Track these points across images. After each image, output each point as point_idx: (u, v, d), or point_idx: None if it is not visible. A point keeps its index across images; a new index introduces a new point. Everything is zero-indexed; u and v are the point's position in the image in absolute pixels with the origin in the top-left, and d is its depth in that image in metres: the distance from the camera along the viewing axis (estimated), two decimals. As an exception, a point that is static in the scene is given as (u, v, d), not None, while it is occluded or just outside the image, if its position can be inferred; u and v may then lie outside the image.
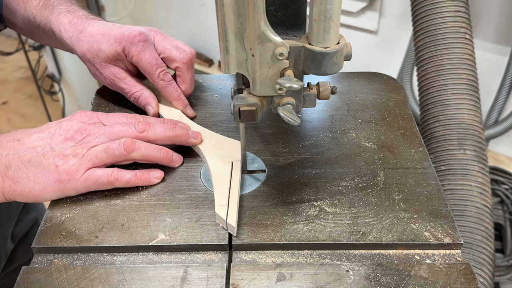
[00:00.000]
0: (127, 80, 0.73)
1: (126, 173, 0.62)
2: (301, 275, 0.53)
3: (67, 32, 0.74)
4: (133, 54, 0.70)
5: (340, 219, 0.58)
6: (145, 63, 0.70)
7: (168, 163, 0.65)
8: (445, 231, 0.57)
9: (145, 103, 0.74)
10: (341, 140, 0.70)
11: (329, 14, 0.47)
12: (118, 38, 0.70)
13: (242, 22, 0.49)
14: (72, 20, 0.74)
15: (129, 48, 0.70)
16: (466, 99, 1.04)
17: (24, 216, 0.98)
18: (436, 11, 1.09)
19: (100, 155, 0.60)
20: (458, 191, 0.98)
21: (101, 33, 0.71)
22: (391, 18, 2.05)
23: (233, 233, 0.56)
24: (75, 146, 0.60)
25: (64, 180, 0.59)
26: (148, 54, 0.70)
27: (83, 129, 0.62)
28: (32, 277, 0.53)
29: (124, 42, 0.70)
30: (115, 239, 0.56)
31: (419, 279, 0.52)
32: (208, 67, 2.68)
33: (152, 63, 0.71)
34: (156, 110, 0.73)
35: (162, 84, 0.72)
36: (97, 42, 0.71)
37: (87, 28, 0.73)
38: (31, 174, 0.58)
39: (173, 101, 0.74)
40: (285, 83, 0.50)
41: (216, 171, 0.63)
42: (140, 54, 0.70)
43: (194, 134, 0.67)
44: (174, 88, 0.73)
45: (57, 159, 0.59)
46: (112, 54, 0.71)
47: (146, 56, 0.70)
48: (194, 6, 2.52)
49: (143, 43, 0.70)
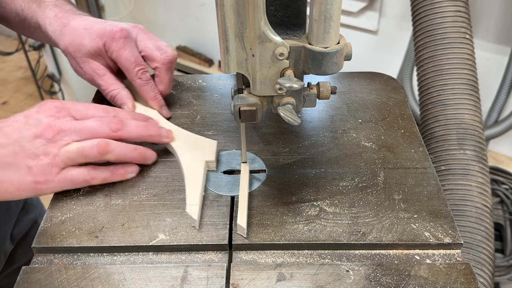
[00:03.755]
0: (105, 77, 0.72)
1: (102, 171, 0.62)
2: (301, 275, 0.53)
3: (52, 25, 0.73)
4: (113, 50, 0.70)
5: (340, 219, 0.58)
6: (124, 59, 0.70)
7: (142, 161, 0.65)
8: (445, 231, 0.57)
9: (121, 103, 0.73)
10: (341, 140, 0.70)
11: (329, 14, 0.47)
12: (100, 33, 0.70)
13: (242, 22, 0.48)
14: (57, 14, 0.74)
15: (109, 44, 0.70)
16: (466, 99, 1.04)
17: (23, 216, 0.98)
18: (436, 11, 1.09)
19: (73, 156, 0.59)
20: (458, 191, 0.98)
21: (83, 28, 0.71)
22: (391, 18, 2.05)
23: (243, 234, 0.56)
24: (46, 145, 0.58)
25: (40, 181, 0.58)
26: (128, 51, 0.70)
27: (53, 125, 0.59)
28: (32, 277, 0.53)
29: (106, 37, 0.69)
30: (115, 239, 0.56)
31: (419, 279, 0.52)
32: (208, 67, 2.68)
33: (131, 61, 0.70)
34: (132, 110, 0.72)
35: (139, 83, 0.72)
36: (80, 37, 0.70)
37: (71, 22, 0.72)
38: (4, 175, 0.57)
39: (149, 100, 0.73)
40: (285, 83, 0.50)
41: (188, 170, 0.63)
42: (120, 51, 0.70)
43: (166, 132, 0.67)
44: (151, 88, 0.73)
45: (29, 159, 0.58)
46: (94, 49, 0.70)
47: (126, 53, 0.70)
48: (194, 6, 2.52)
49: (124, 40, 0.70)
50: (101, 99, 0.79)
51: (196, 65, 2.69)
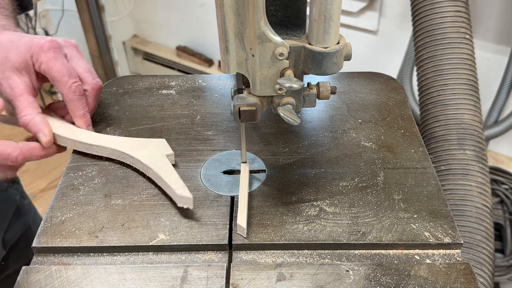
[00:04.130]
0: (21, 98, 0.66)
1: None
2: (301, 275, 0.53)
3: None
4: (42, 61, 0.65)
5: (340, 219, 0.58)
6: (55, 71, 0.65)
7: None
8: (445, 231, 0.57)
9: (36, 130, 0.66)
10: (341, 140, 0.70)
11: (329, 14, 0.47)
12: (27, 45, 0.65)
13: (242, 22, 0.49)
14: None
15: (37, 55, 0.65)
16: (466, 99, 1.04)
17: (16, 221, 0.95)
18: (436, 11, 1.09)
19: None
20: (458, 191, 0.98)
21: (10, 40, 0.66)
22: (391, 18, 2.05)
23: (243, 234, 0.56)
24: None
25: None
26: (59, 62, 0.65)
27: None
28: (32, 277, 0.53)
29: (34, 48, 0.65)
30: (115, 239, 0.56)
31: (419, 279, 0.52)
32: (208, 67, 2.68)
33: (64, 72, 0.65)
34: (50, 138, 0.66)
35: (71, 97, 0.66)
36: (6, 49, 0.65)
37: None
38: None
39: (77, 118, 0.68)
40: (285, 83, 0.50)
41: (155, 165, 0.63)
42: (50, 62, 0.65)
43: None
44: (82, 104, 0.68)
45: None
46: (19, 62, 0.65)
47: (57, 65, 0.65)
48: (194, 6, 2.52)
49: (54, 51, 0.65)
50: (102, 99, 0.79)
51: (196, 65, 2.69)
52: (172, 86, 0.82)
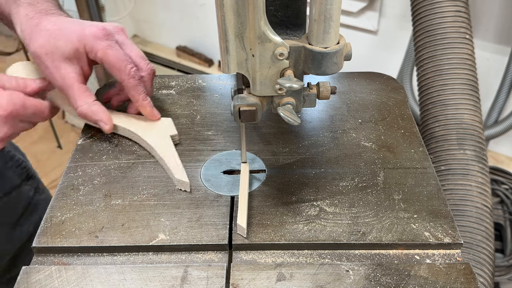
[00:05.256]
0: (74, 87, 0.66)
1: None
2: (301, 275, 0.53)
3: (21, 25, 0.67)
4: (98, 49, 0.65)
5: (340, 219, 0.58)
6: (113, 58, 0.65)
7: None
8: (445, 231, 0.57)
9: (96, 119, 0.68)
10: (341, 140, 0.70)
11: (329, 14, 0.47)
12: (78, 34, 0.65)
13: (242, 22, 0.49)
14: (29, 13, 0.67)
15: (92, 44, 0.65)
16: (466, 99, 1.04)
17: (27, 217, 0.95)
18: (436, 11, 1.09)
19: None
20: (458, 191, 0.98)
21: (58, 28, 0.65)
22: (391, 18, 2.05)
23: (243, 234, 0.56)
24: None
25: None
26: (115, 49, 0.65)
27: None
28: (32, 277, 0.53)
29: (86, 38, 0.65)
30: (115, 239, 0.56)
31: (419, 279, 0.52)
32: (208, 67, 2.68)
33: (122, 59, 0.65)
34: (111, 126, 0.68)
35: (132, 83, 0.66)
36: (54, 38, 0.65)
37: (43, 23, 0.66)
38: None
39: (140, 101, 0.68)
40: (285, 83, 0.50)
41: (158, 147, 0.66)
42: (106, 50, 0.65)
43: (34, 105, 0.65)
44: (143, 89, 0.68)
45: None
46: (70, 51, 0.65)
47: (114, 52, 0.65)
48: (194, 6, 2.52)
49: (108, 38, 0.65)
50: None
51: (196, 65, 2.69)
52: (172, 86, 0.82)
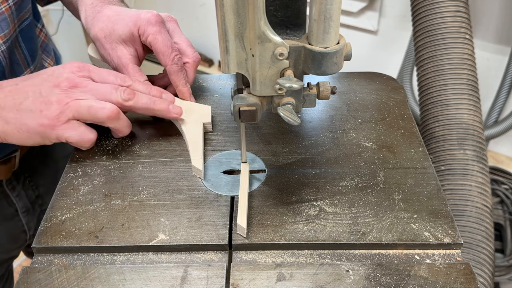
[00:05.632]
0: (129, 67, 0.72)
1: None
2: (301, 275, 0.53)
3: (86, 12, 0.75)
4: (149, 33, 0.70)
5: (340, 219, 0.58)
6: (161, 44, 0.70)
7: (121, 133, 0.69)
8: (445, 231, 0.57)
9: None
10: (341, 140, 0.71)
11: (329, 14, 0.47)
12: (134, 19, 0.71)
13: (242, 22, 0.49)
14: (94, 2, 0.75)
15: (145, 28, 0.70)
16: (466, 99, 1.04)
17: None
18: (436, 11, 1.09)
19: (82, 110, 0.62)
20: (458, 191, 0.98)
21: (117, 14, 0.72)
22: (391, 18, 2.05)
23: (243, 234, 0.56)
24: (60, 94, 0.62)
25: (45, 124, 0.61)
26: (164, 36, 0.71)
27: (71, 79, 0.63)
28: (32, 277, 0.53)
29: (140, 22, 0.70)
30: (115, 239, 0.56)
31: (419, 279, 0.52)
32: (208, 67, 2.68)
33: (168, 45, 0.70)
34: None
35: (174, 68, 0.71)
36: (112, 22, 0.71)
37: (104, 10, 0.73)
38: (19, 117, 0.61)
39: (180, 87, 0.73)
40: (285, 83, 0.50)
41: (189, 132, 0.69)
42: (156, 35, 0.70)
43: (175, 109, 0.69)
44: (184, 75, 0.73)
45: (43, 104, 0.61)
46: (126, 34, 0.71)
47: (163, 38, 0.70)
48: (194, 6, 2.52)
49: (159, 25, 0.71)
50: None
51: (196, 65, 2.69)
52: (172, 86, 0.82)
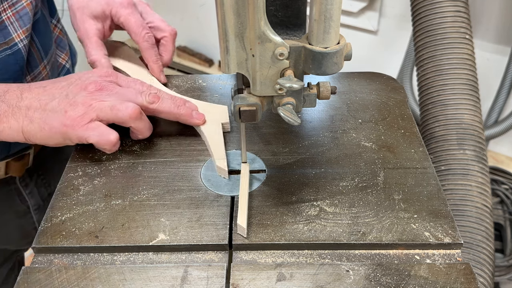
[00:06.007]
0: (93, 40, 0.77)
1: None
2: (301, 275, 0.53)
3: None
4: (121, 15, 0.77)
5: (340, 219, 0.58)
6: (133, 23, 0.77)
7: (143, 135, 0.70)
8: (445, 231, 0.57)
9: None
10: (341, 140, 0.71)
11: (329, 14, 0.47)
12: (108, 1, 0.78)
13: (242, 22, 0.49)
14: None
15: (117, 9, 0.77)
16: (466, 99, 1.04)
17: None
18: (435, 11, 1.09)
19: (106, 110, 0.64)
20: (458, 191, 0.98)
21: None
22: (391, 18, 2.05)
23: (243, 234, 0.56)
24: (86, 96, 0.64)
25: (67, 125, 0.62)
26: (136, 17, 0.78)
27: (98, 82, 0.66)
28: (32, 277, 0.53)
29: (113, 3, 0.77)
30: (115, 239, 0.56)
31: (419, 279, 0.52)
32: (208, 67, 2.68)
33: (139, 25, 0.77)
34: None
35: (145, 45, 0.78)
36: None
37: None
38: (44, 116, 0.63)
39: (150, 63, 0.79)
40: (285, 83, 0.50)
41: (209, 133, 0.69)
42: (128, 16, 0.77)
43: (198, 115, 0.70)
44: (155, 52, 0.79)
45: (68, 105, 0.63)
46: (98, 11, 0.77)
47: (135, 18, 0.77)
48: (194, 6, 2.53)
49: (132, 7, 0.78)
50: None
51: (196, 65, 2.69)
52: (172, 86, 0.82)
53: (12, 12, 0.74)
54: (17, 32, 0.74)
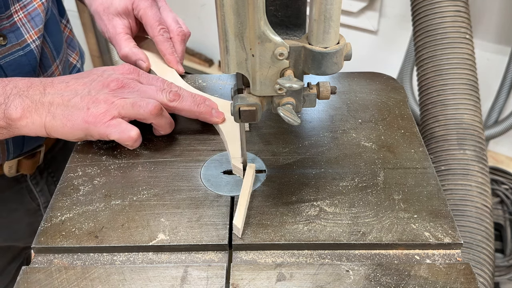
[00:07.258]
0: (120, 35, 0.80)
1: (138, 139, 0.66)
2: (301, 275, 0.53)
3: None
4: (141, 8, 0.79)
5: (340, 219, 0.58)
6: (150, 17, 0.79)
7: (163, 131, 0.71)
8: (445, 231, 0.57)
9: (135, 59, 0.79)
10: (341, 140, 0.70)
11: (329, 14, 0.47)
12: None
13: (242, 22, 0.48)
14: None
15: (138, 3, 0.79)
16: (466, 99, 1.04)
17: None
18: (435, 11, 1.09)
19: (127, 106, 0.64)
20: (458, 191, 0.98)
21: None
22: (391, 18, 2.05)
23: (238, 234, 0.56)
24: (109, 94, 0.65)
25: (89, 121, 0.63)
26: (154, 11, 0.80)
27: (120, 80, 0.66)
28: (32, 277, 0.53)
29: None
30: (115, 239, 0.56)
31: (419, 279, 0.52)
32: (208, 67, 2.68)
33: (156, 19, 0.79)
34: (148, 65, 0.79)
35: (160, 39, 0.79)
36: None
37: None
38: (66, 113, 0.64)
39: (166, 56, 0.80)
40: (285, 83, 0.50)
41: (226, 131, 0.69)
42: (147, 9, 0.79)
43: (217, 113, 0.71)
44: (170, 45, 0.80)
45: (90, 102, 0.64)
46: (122, 7, 0.79)
47: (152, 12, 0.79)
48: (194, 6, 2.52)
49: (151, 2, 0.80)
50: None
51: (196, 65, 2.69)
52: (172, 86, 0.82)
53: (24, 13, 0.74)
54: (29, 33, 0.75)
